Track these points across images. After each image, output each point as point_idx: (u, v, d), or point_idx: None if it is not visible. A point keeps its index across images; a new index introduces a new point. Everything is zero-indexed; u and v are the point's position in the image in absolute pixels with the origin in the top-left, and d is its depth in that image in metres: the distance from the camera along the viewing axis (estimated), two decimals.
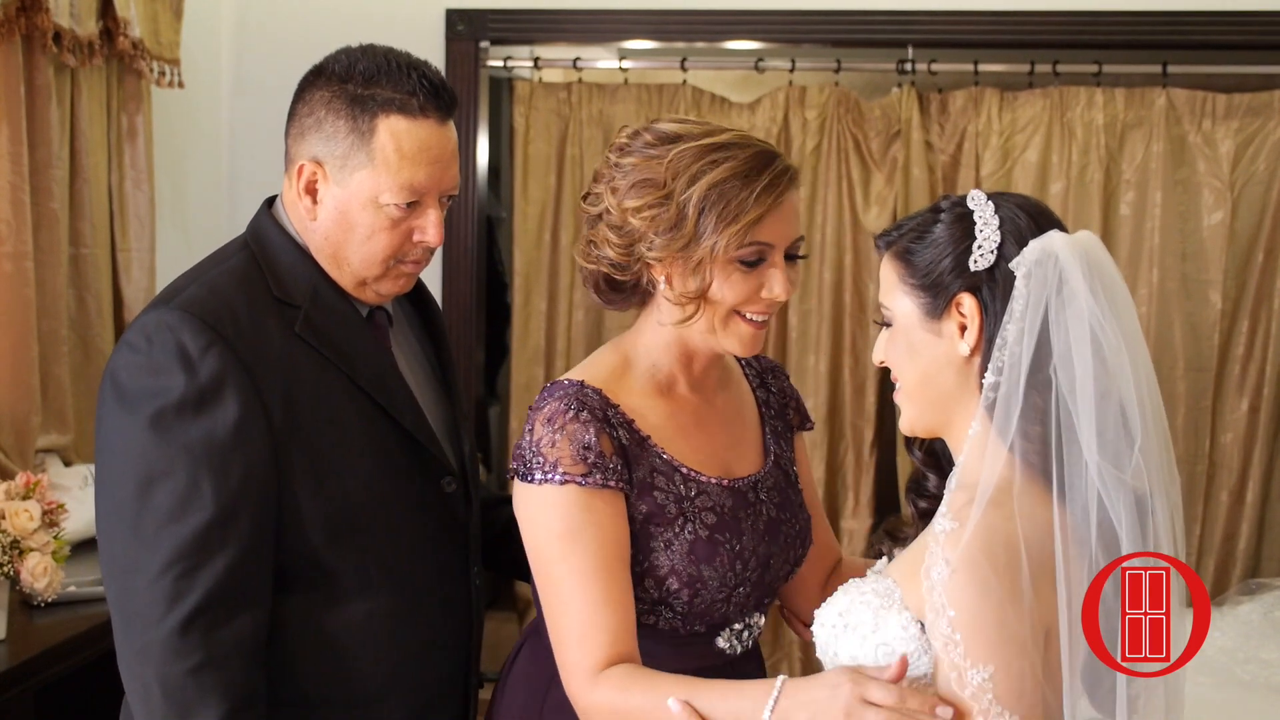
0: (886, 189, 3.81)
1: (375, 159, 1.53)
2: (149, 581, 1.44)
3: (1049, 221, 1.37)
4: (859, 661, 1.34)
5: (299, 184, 1.58)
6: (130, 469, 1.47)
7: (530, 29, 3.79)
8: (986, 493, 1.28)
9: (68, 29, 2.83)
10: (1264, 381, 3.75)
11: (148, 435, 1.46)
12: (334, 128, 1.55)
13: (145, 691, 1.45)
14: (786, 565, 1.68)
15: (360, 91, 1.54)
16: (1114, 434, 1.29)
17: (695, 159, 1.52)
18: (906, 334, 1.40)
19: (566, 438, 1.49)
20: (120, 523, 1.48)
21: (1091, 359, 1.29)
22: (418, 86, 1.55)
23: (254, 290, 1.55)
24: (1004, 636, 1.24)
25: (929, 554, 1.29)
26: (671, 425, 1.60)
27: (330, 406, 1.54)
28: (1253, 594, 3.33)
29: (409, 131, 1.54)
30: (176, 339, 1.47)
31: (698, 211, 1.50)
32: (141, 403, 1.46)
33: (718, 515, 1.57)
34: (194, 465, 1.45)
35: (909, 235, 1.41)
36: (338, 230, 1.57)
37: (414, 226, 1.58)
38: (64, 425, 2.97)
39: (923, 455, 1.50)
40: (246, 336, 1.50)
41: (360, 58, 1.57)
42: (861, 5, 3.71)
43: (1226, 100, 3.72)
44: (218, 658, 1.43)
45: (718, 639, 1.62)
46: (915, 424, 1.43)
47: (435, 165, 1.57)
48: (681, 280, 1.54)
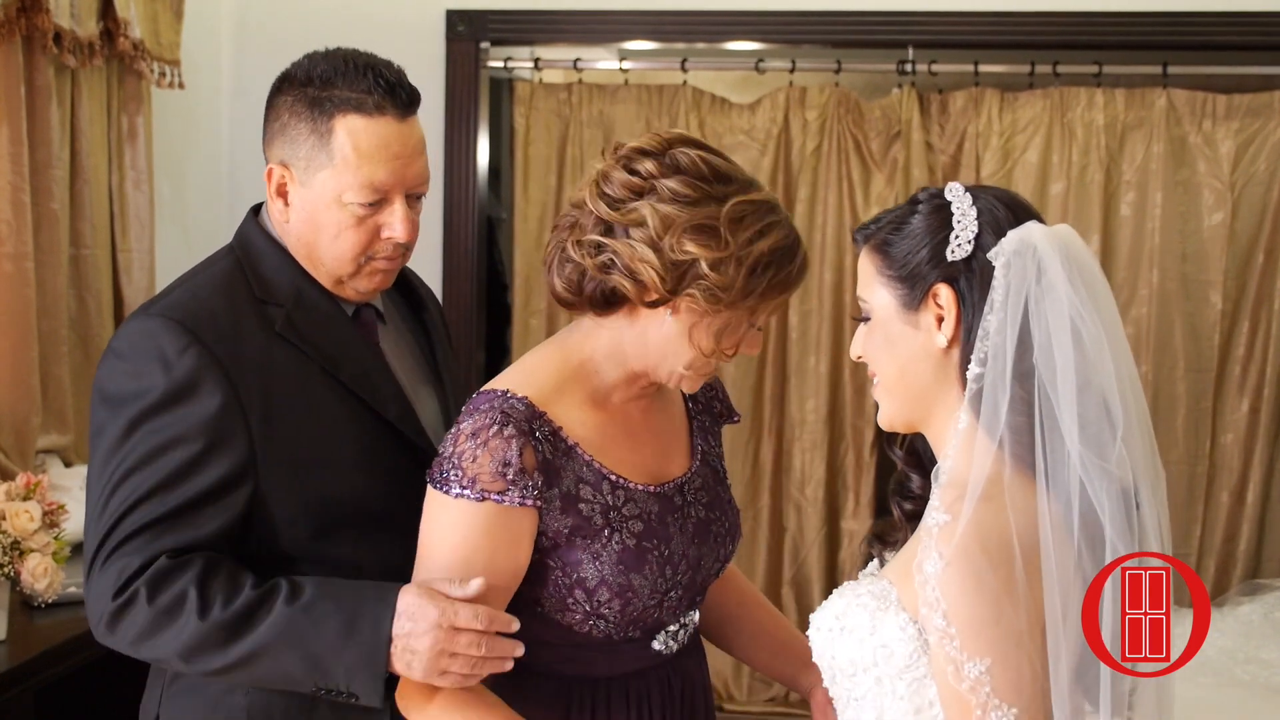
0: (887, 189, 3.81)
1: (335, 159, 1.56)
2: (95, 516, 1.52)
3: (1027, 214, 1.36)
4: (858, 665, 1.34)
5: (271, 187, 1.62)
6: (106, 467, 1.52)
7: (530, 30, 3.79)
8: (978, 486, 1.27)
9: (68, 30, 2.83)
10: (1264, 382, 3.75)
11: (123, 434, 1.50)
12: (296, 131, 1.58)
13: None
14: (717, 563, 1.68)
15: (318, 93, 1.57)
16: (1096, 423, 1.29)
17: (755, 218, 1.49)
18: (884, 327, 1.39)
19: (488, 454, 1.47)
20: (91, 513, 1.54)
21: (1072, 349, 1.29)
22: (373, 85, 1.57)
23: (235, 293, 1.59)
24: (1000, 629, 1.23)
25: (922, 548, 1.28)
26: (601, 435, 1.58)
27: (311, 402, 1.57)
28: (1253, 595, 3.33)
29: (366, 130, 1.56)
30: (156, 343, 1.51)
31: (750, 270, 1.48)
32: (124, 406, 1.51)
33: (644, 523, 1.56)
34: (168, 455, 1.50)
35: (887, 228, 1.40)
36: (308, 230, 1.61)
37: (381, 224, 1.60)
38: (64, 426, 2.97)
39: (905, 455, 1.49)
40: (224, 337, 1.54)
41: (320, 61, 1.60)
42: (861, 6, 3.71)
43: (1227, 101, 3.72)
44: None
45: (653, 642, 1.62)
46: (894, 418, 1.42)
47: (396, 161, 1.58)
48: (701, 325, 1.51)
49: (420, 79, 1.67)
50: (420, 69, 4.08)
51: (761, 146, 3.85)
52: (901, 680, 1.31)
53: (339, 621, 1.46)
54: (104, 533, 1.49)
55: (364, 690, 1.47)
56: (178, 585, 1.46)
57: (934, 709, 1.30)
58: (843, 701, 1.39)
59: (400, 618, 1.45)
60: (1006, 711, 1.23)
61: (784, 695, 3.90)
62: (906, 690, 1.31)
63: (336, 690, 1.48)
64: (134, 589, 1.46)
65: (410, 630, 1.45)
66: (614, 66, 3.87)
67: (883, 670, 1.33)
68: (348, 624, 1.46)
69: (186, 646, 1.46)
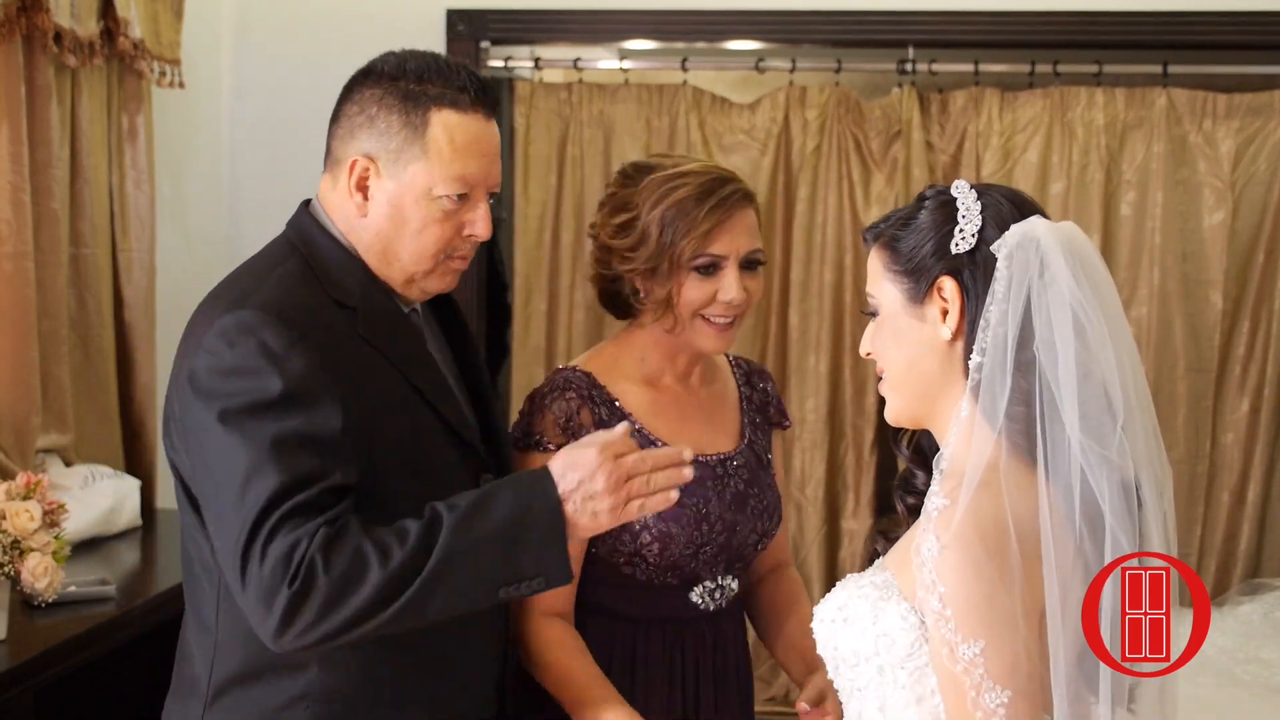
0: (887, 189, 3.81)
1: (429, 151, 1.57)
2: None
3: (1031, 209, 1.38)
4: (860, 655, 1.35)
5: (350, 180, 1.60)
6: (231, 468, 1.45)
7: (531, 29, 3.79)
8: (976, 472, 1.29)
9: (68, 29, 2.83)
10: (1265, 382, 3.75)
11: (236, 434, 1.45)
12: (387, 123, 1.58)
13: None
14: (754, 535, 1.91)
15: (413, 87, 1.58)
16: (1097, 413, 1.30)
17: (659, 185, 1.81)
18: (891, 321, 1.41)
19: (550, 413, 1.82)
20: (226, 516, 1.46)
21: (1074, 340, 1.30)
22: (467, 82, 1.60)
23: (315, 291, 1.57)
24: (995, 612, 1.24)
25: (920, 532, 1.30)
26: (653, 409, 1.87)
27: (389, 406, 1.56)
28: (1253, 594, 3.34)
29: (461, 125, 1.58)
30: (259, 338, 1.47)
31: (659, 229, 1.79)
32: (228, 403, 1.46)
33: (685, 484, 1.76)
34: (296, 443, 1.46)
35: (895, 224, 1.42)
36: (390, 225, 1.59)
37: (464, 220, 1.61)
38: (64, 425, 2.97)
39: (910, 453, 1.50)
40: (322, 336, 1.52)
41: (409, 58, 1.62)
42: (862, 5, 3.71)
43: (1227, 100, 3.72)
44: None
45: (691, 594, 1.86)
46: (900, 413, 1.43)
47: (484, 159, 1.61)
48: (651, 289, 1.82)
49: None
50: None
51: (761, 146, 3.85)
52: (903, 669, 1.33)
53: (509, 509, 1.46)
54: (249, 529, 1.42)
55: (553, 566, 1.47)
56: (348, 546, 1.41)
57: (935, 697, 1.31)
58: (846, 692, 1.41)
59: (562, 478, 1.48)
60: (1000, 693, 1.24)
61: (784, 695, 3.90)
62: (908, 679, 1.33)
63: (525, 580, 1.47)
64: (306, 567, 1.40)
65: (580, 479, 1.48)
66: (614, 66, 3.87)
67: (884, 660, 1.34)
68: (518, 507, 1.46)
69: (376, 599, 1.41)
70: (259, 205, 3.87)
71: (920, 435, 1.49)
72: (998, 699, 1.23)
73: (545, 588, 1.49)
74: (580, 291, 3.88)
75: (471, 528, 1.44)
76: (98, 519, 2.86)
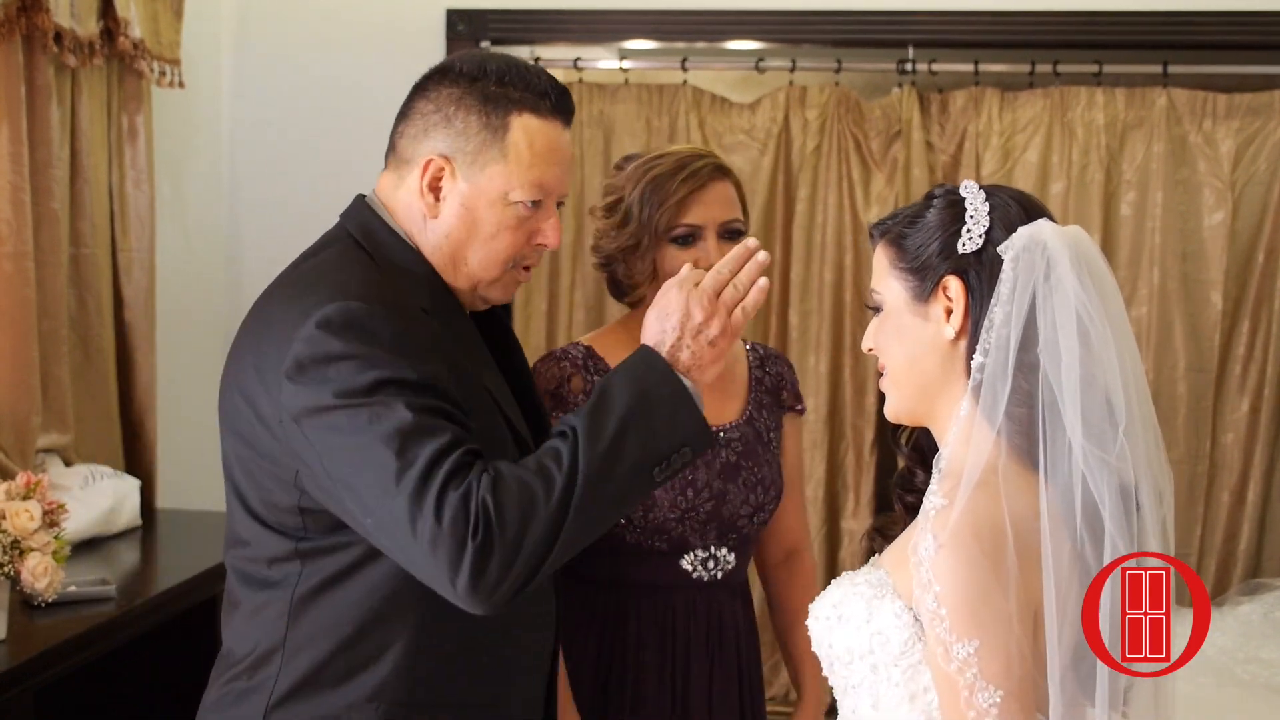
0: (887, 189, 3.81)
1: (509, 155, 1.54)
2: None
3: (1040, 212, 1.39)
4: (854, 652, 1.36)
5: (422, 180, 1.56)
6: (371, 444, 1.40)
7: (530, 29, 3.79)
8: (974, 473, 1.29)
9: (68, 29, 2.83)
10: (1265, 382, 3.75)
11: (367, 414, 1.40)
12: (465, 123, 1.55)
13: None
14: (746, 507, 1.95)
15: (493, 89, 1.55)
16: (1098, 418, 1.30)
17: (641, 166, 1.93)
18: (895, 318, 1.41)
19: (541, 378, 1.91)
20: (384, 489, 1.40)
21: (1078, 344, 1.31)
22: (548, 88, 1.58)
23: (397, 290, 1.52)
24: (989, 612, 1.25)
25: (918, 531, 1.30)
26: None
27: (472, 405, 1.52)
28: (1253, 594, 3.34)
29: (541, 130, 1.56)
30: (369, 328, 1.43)
31: (640, 206, 1.89)
32: (350, 384, 1.41)
33: None
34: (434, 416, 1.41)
35: (902, 222, 1.43)
36: (461, 227, 1.56)
37: (535, 229, 1.58)
38: (64, 425, 2.97)
39: (909, 450, 1.51)
40: (419, 329, 1.48)
41: (489, 59, 1.58)
42: (862, 5, 3.71)
43: (1227, 100, 3.72)
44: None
45: (682, 560, 1.92)
46: (900, 410, 1.44)
47: (560, 166, 1.59)
48: (637, 265, 1.91)
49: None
50: (420, 69, 4.06)
51: (761, 146, 3.85)
52: (896, 667, 1.33)
53: (626, 397, 1.44)
54: (414, 493, 1.36)
55: (691, 433, 1.46)
56: (511, 483, 1.38)
57: (929, 695, 1.31)
58: (840, 690, 1.41)
59: (662, 332, 1.48)
60: (993, 693, 1.24)
61: (784, 695, 3.90)
62: (901, 677, 1.33)
63: (673, 454, 1.45)
64: (482, 515, 1.36)
65: (679, 320, 1.48)
66: (614, 66, 3.86)
67: (878, 657, 1.34)
68: (633, 393, 1.44)
69: (550, 527, 1.38)
70: (259, 205, 3.87)
71: (919, 433, 1.50)
72: (990, 699, 1.24)
73: (693, 457, 1.48)
74: (580, 291, 3.88)
75: (603, 425, 1.42)
76: (98, 519, 2.87)
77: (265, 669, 1.53)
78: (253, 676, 1.54)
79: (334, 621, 1.50)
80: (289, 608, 1.52)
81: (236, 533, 1.58)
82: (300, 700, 1.51)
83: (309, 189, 3.82)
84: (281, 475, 1.48)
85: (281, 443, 1.46)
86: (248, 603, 1.57)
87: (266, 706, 1.52)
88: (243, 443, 1.53)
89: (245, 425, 1.51)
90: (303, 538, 1.50)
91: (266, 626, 1.54)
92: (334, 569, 1.50)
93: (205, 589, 2.69)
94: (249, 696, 1.54)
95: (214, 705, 1.58)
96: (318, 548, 1.50)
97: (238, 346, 1.56)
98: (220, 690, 1.58)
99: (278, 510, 1.51)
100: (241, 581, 1.57)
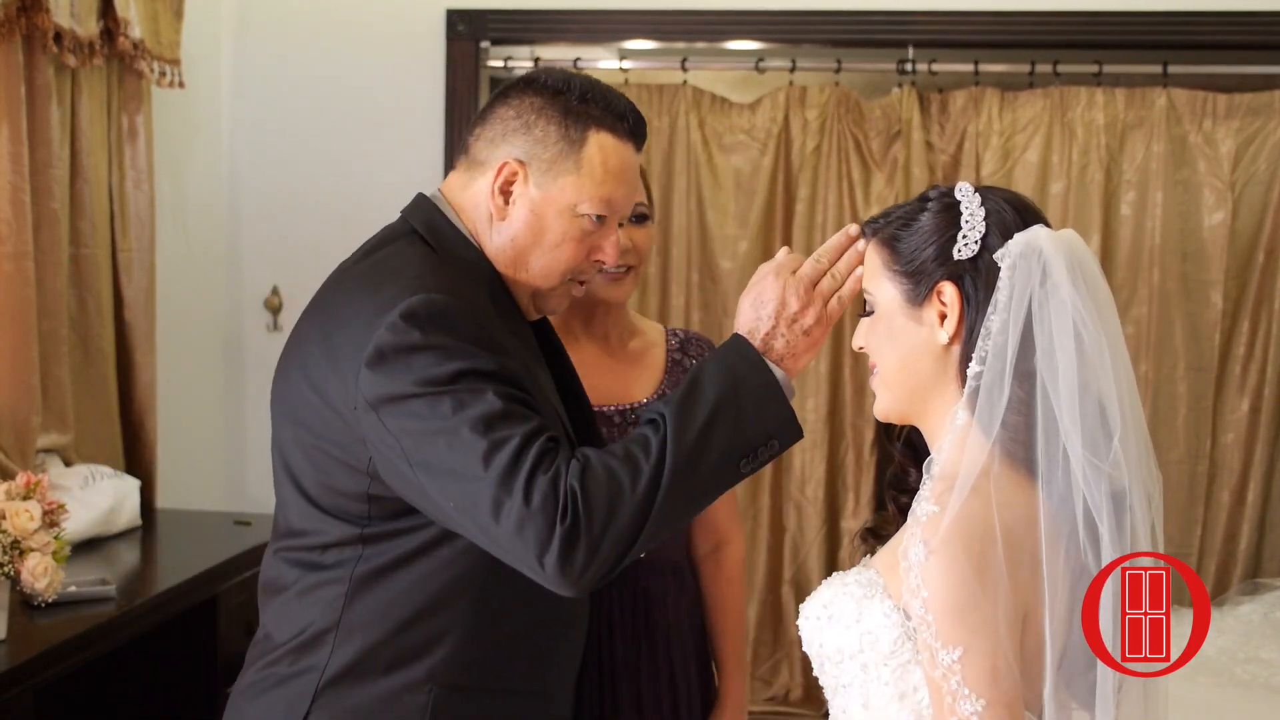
0: (887, 189, 3.81)
1: (582, 168, 1.58)
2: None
3: (1034, 216, 1.39)
4: (844, 652, 1.36)
5: (495, 182, 1.59)
6: (457, 429, 1.41)
7: (530, 29, 3.79)
8: (968, 480, 1.29)
9: (68, 29, 2.83)
10: (1265, 382, 3.75)
11: (453, 401, 1.41)
12: (544, 132, 1.58)
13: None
14: None
15: (575, 104, 1.59)
16: (1093, 425, 1.31)
17: None
18: (888, 320, 1.42)
19: None
20: (468, 475, 1.41)
21: (1074, 351, 1.31)
22: (627, 111, 1.61)
23: (469, 286, 1.55)
24: (976, 619, 1.25)
25: (908, 536, 1.31)
26: None
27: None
28: (1253, 594, 3.34)
29: (616, 149, 1.60)
30: (450, 321, 1.45)
31: None
32: (435, 372, 1.42)
33: None
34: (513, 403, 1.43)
35: (896, 223, 1.43)
36: (527, 233, 1.59)
37: (596, 244, 1.61)
38: (64, 425, 2.97)
39: (902, 448, 1.51)
40: (493, 326, 1.51)
41: (574, 77, 1.62)
42: (861, 5, 3.72)
43: (1227, 100, 3.72)
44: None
45: None
46: (890, 410, 1.44)
47: (629, 186, 1.62)
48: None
49: (420, 79, 1.68)
50: (420, 69, 4.12)
51: (761, 146, 3.85)
52: (886, 666, 1.33)
53: (717, 387, 1.45)
54: (502, 477, 1.38)
55: (778, 426, 1.46)
56: (600, 470, 1.40)
57: (918, 694, 1.32)
58: (830, 689, 1.42)
59: (758, 319, 1.49)
60: (974, 702, 1.24)
61: (784, 695, 3.90)
62: (891, 676, 1.33)
63: (760, 448, 1.46)
64: (570, 501, 1.37)
65: (775, 309, 1.49)
66: (614, 66, 3.87)
67: (868, 657, 1.34)
68: (723, 383, 1.45)
69: (637, 514, 1.39)
70: (259, 205, 3.87)
71: (911, 432, 1.50)
72: (972, 707, 1.24)
73: (780, 450, 1.49)
74: None
75: (693, 415, 1.43)
76: (98, 519, 2.87)
77: (315, 651, 1.53)
78: (297, 660, 1.53)
79: (391, 605, 1.51)
80: (346, 589, 1.52)
81: (289, 523, 1.58)
82: (351, 683, 1.51)
83: (309, 189, 3.82)
84: (351, 462, 1.49)
85: (353, 429, 1.47)
86: (298, 584, 1.56)
87: (316, 689, 1.51)
88: (306, 430, 1.53)
89: (311, 413, 1.51)
90: (366, 524, 1.51)
91: (320, 607, 1.53)
92: (395, 554, 1.51)
93: (205, 589, 2.69)
94: (293, 680, 1.53)
95: (251, 689, 1.58)
96: (381, 532, 1.51)
97: (301, 336, 1.57)
98: (258, 674, 1.57)
99: (342, 496, 1.52)
100: (296, 568, 1.57)
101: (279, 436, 1.58)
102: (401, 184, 1.71)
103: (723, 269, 3.89)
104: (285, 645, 1.55)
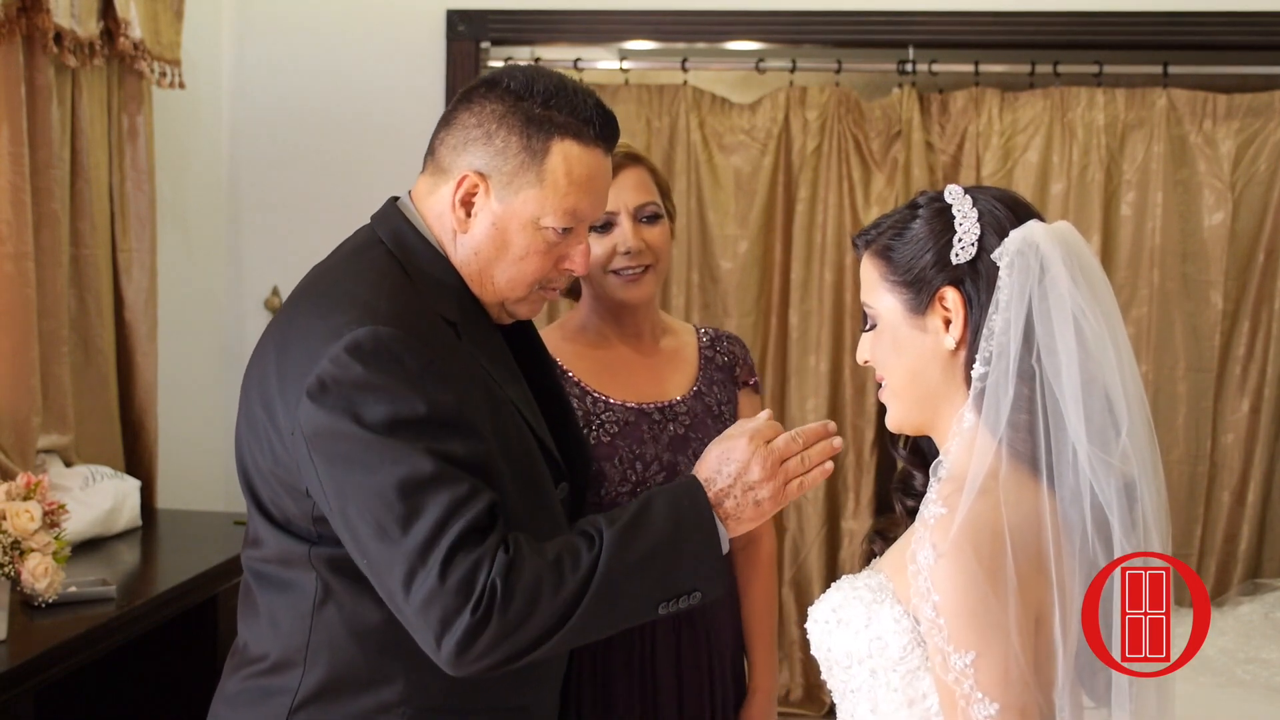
0: (887, 189, 3.81)
1: (545, 180, 1.52)
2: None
3: (1027, 212, 1.38)
4: (853, 657, 1.36)
5: (456, 195, 1.54)
6: (386, 481, 1.39)
7: (531, 29, 3.79)
8: (976, 481, 1.29)
9: (68, 29, 2.83)
10: (1265, 382, 3.75)
11: (386, 448, 1.39)
12: (505, 143, 1.52)
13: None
14: None
15: (537, 111, 1.52)
16: (1100, 420, 1.30)
17: None
18: (891, 331, 1.40)
19: None
20: (388, 531, 1.39)
21: (1076, 346, 1.30)
22: (593, 114, 1.54)
23: (424, 302, 1.52)
24: (988, 622, 1.24)
25: (916, 539, 1.30)
26: (596, 367, 2.00)
27: (496, 418, 1.51)
28: (1253, 594, 3.34)
29: (580, 158, 1.53)
30: (396, 358, 1.41)
31: None
32: (372, 416, 1.40)
33: (620, 426, 1.95)
34: (458, 474, 1.41)
35: (888, 233, 1.41)
36: (490, 247, 1.55)
37: (564, 254, 1.57)
38: (64, 426, 2.97)
39: (908, 454, 1.50)
40: (444, 352, 1.47)
41: (539, 77, 1.55)
42: (862, 5, 3.72)
43: (1227, 101, 3.72)
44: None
45: None
46: (903, 421, 1.43)
47: (596, 195, 1.57)
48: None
49: (420, 79, 1.66)
50: (420, 69, 4.12)
51: (762, 146, 3.85)
52: (895, 672, 1.33)
53: (661, 525, 1.44)
54: (422, 547, 1.36)
55: (707, 581, 1.47)
56: (526, 572, 1.37)
57: (927, 701, 1.31)
58: (839, 694, 1.41)
59: (718, 474, 1.49)
60: (988, 705, 1.23)
61: (784, 695, 3.90)
62: (900, 682, 1.33)
63: (682, 595, 1.46)
64: (488, 594, 1.36)
65: (736, 471, 1.49)
66: (614, 66, 3.87)
67: (877, 662, 1.34)
68: (670, 524, 1.44)
69: (549, 624, 1.38)
70: (259, 205, 3.87)
71: (918, 437, 1.49)
72: (986, 711, 1.23)
73: (701, 602, 1.48)
74: None
75: (629, 547, 1.42)
76: (98, 519, 2.87)
77: (287, 673, 1.51)
78: (272, 679, 1.52)
79: (356, 626, 1.48)
80: (309, 612, 1.50)
81: (254, 530, 1.56)
82: (325, 704, 1.50)
83: (309, 189, 3.82)
84: (294, 484, 1.47)
85: (292, 453, 1.45)
86: (265, 606, 1.54)
87: (290, 708, 1.50)
88: (259, 446, 1.51)
89: (261, 430, 1.49)
90: (316, 543, 1.49)
91: (287, 631, 1.52)
92: (352, 574, 1.47)
93: (205, 589, 2.69)
94: (271, 697, 1.52)
95: (234, 699, 1.57)
96: (333, 555, 1.48)
97: (263, 349, 1.54)
98: (240, 684, 1.56)
99: (291, 515, 1.49)
100: (257, 582, 1.56)
101: (239, 436, 1.56)
102: (401, 185, 1.69)
103: (723, 269, 3.89)
104: (258, 664, 1.54)
